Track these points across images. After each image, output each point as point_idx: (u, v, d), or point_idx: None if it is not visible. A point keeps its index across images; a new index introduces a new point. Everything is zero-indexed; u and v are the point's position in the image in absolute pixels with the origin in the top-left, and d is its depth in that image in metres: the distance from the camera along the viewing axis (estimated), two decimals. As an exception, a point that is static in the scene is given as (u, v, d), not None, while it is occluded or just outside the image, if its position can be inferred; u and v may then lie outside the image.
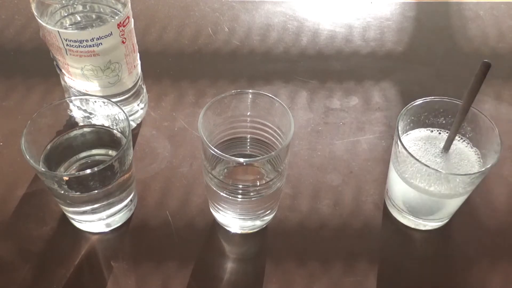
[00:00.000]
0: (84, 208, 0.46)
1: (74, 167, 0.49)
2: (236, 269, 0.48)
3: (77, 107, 0.48)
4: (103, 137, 0.50)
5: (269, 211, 0.48)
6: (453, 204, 0.48)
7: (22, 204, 0.52)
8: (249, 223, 0.49)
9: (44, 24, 0.46)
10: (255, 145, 0.48)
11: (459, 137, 0.48)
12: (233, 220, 0.48)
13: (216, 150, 0.40)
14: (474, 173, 0.43)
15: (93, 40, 0.47)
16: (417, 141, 0.48)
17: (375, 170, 0.55)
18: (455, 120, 0.45)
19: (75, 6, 0.49)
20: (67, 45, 0.47)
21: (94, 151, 0.50)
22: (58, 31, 0.46)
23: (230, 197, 0.44)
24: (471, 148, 0.47)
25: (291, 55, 0.69)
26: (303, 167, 0.56)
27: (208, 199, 0.49)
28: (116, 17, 0.47)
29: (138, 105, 0.57)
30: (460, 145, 0.48)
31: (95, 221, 0.48)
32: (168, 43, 0.70)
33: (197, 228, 0.50)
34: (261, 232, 0.50)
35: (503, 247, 0.50)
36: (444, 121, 0.48)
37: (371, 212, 0.52)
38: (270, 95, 0.44)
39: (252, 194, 0.44)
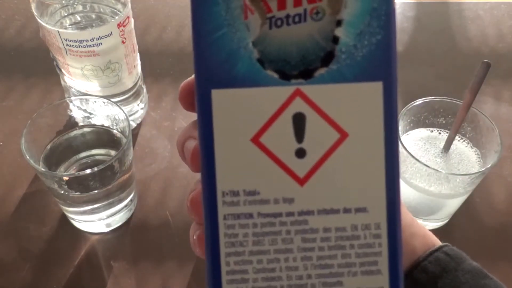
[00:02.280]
0: (84, 208, 0.46)
1: (74, 167, 0.49)
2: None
3: (77, 107, 0.48)
4: (103, 137, 0.49)
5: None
6: (453, 204, 0.48)
7: (22, 204, 0.52)
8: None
9: (44, 24, 0.46)
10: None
11: (459, 137, 0.48)
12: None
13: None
14: (474, 173, 0.43)
15: (93, 40, 0.47)
16: (417, 141, 0.48)
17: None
18: (455, 120, 0.45)
19: (75, 6, 0.49)
20: (67, 45, 0.47)
21: (94, 151, 0.50)
22: (58, 31, 0.46)
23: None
24: (471, 148, 0.47)
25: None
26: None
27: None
28: (116, 17, 0.47)
29: (138, 105, 0.57)
30: (460, 145, 0.48)
31: (95, 221, 0.48)
32: (168, 43, 0.70)
33: (197, 228, 0.50)
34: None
35: (503, 247, 0.50)
36: (444, 121, 0.48)
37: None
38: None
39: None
